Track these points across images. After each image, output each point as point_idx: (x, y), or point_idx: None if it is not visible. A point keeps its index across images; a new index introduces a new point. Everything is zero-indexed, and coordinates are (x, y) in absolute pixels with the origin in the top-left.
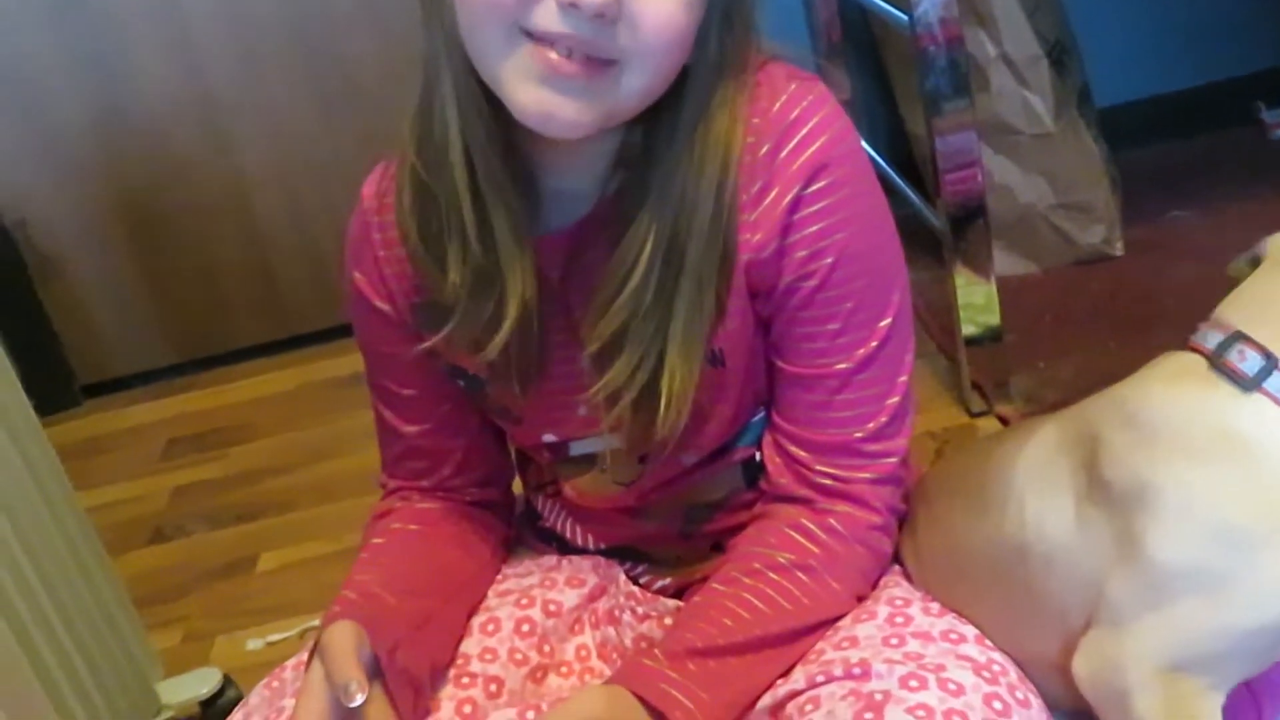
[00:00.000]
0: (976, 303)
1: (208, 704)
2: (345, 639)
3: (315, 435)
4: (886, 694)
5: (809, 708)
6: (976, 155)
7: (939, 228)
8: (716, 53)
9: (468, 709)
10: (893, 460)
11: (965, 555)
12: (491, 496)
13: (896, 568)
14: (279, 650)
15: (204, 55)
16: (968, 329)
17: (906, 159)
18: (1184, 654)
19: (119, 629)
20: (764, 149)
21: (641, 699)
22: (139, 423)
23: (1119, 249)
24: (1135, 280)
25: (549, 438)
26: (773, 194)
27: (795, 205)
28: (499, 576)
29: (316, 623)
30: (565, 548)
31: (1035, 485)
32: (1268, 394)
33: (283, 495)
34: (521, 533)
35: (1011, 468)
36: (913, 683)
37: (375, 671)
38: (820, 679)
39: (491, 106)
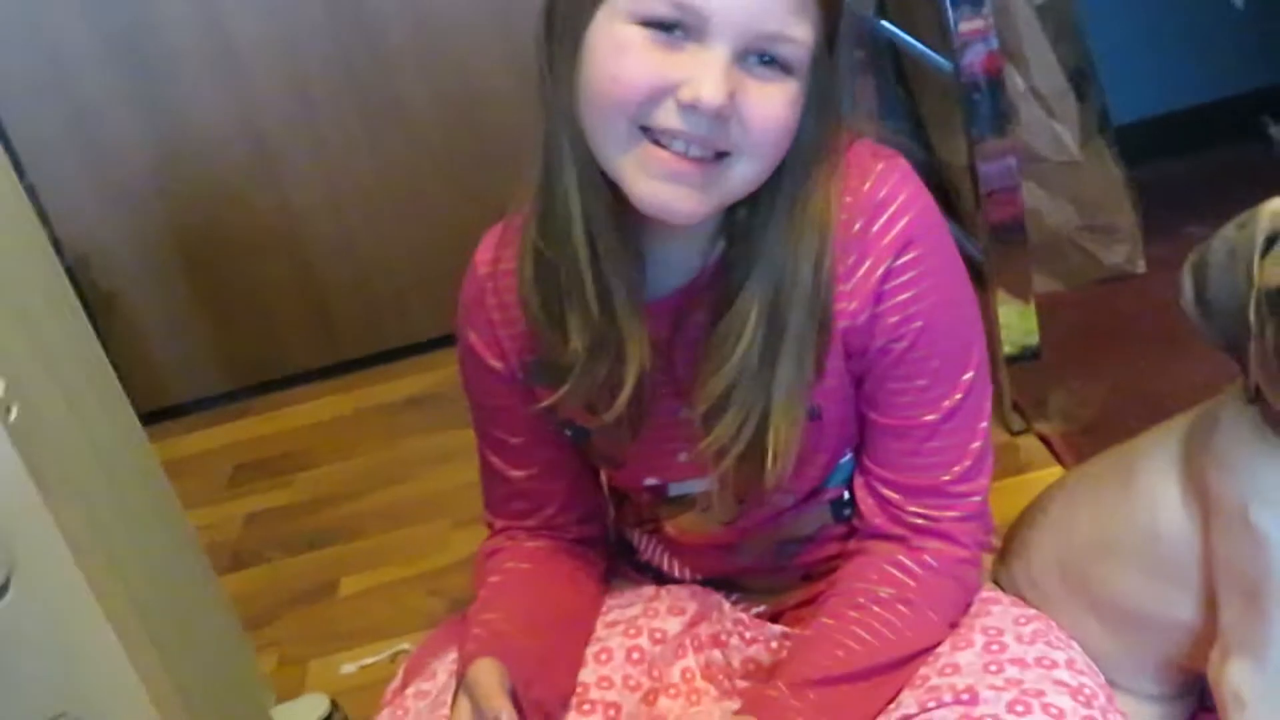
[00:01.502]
0: (1015, 323)
1: None
2: (492, 675)
3: (377, 460)
4: (996, 718)
5: None
6: (1017, 182)
7: (974, 253)
8: (811, 140)
9: None
10: (977, 499)
11: (1112, 534)
12: (591, 533)
13: (983, 596)
14: (371, 674)
15: (257, 92)
16: (1006, 349)
17: (934, 184)
18: (1254, 652)
19: (233, 654)
20: (857, 225)
21: None
22: (201, 450)
23: (1141, 266)
24: (1159, 296)
25: (650, 481)
26: (865, 266)
27: (887, 276)
28: (603, 608)
29: (406, 646)
30: (661, 579)
31: (1163, 472)
32: None
33: (354, 521)
34: (617, 564)
35: (1152, 454)
36: (1019, 708)
37: (511, 702)
38: (931, 704)
39: (610, 188)
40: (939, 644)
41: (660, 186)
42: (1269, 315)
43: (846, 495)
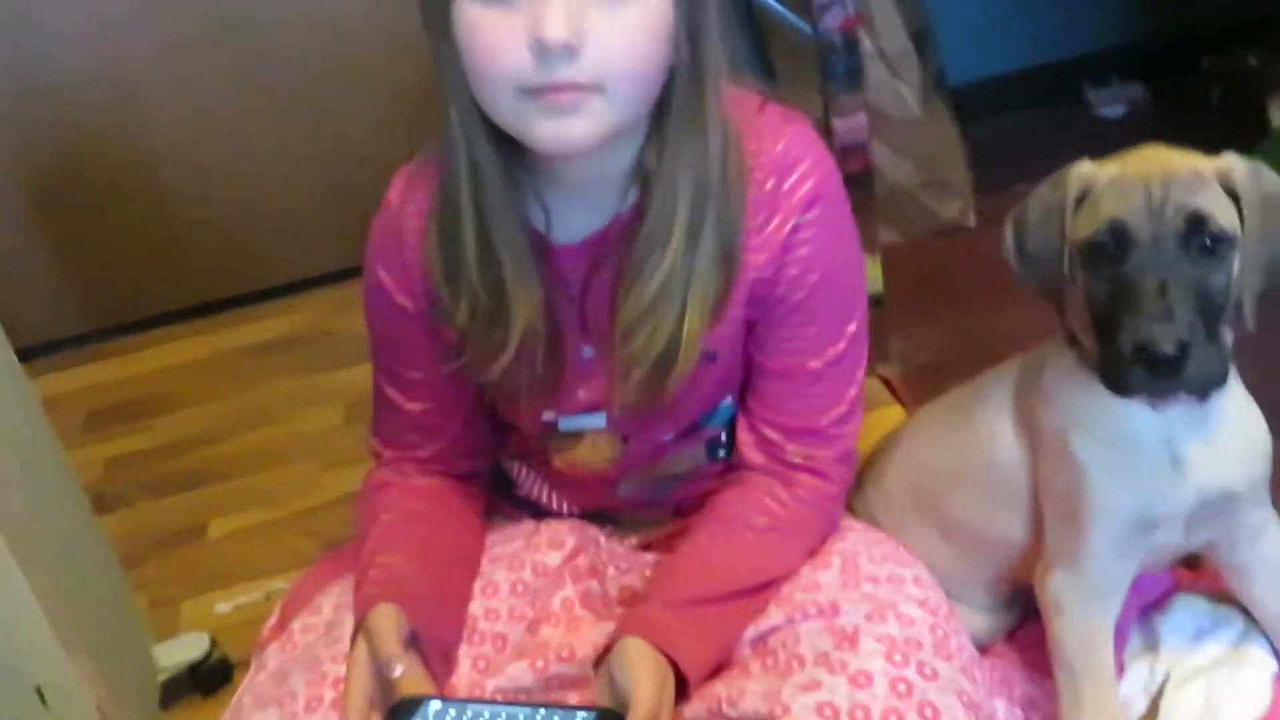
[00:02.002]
0: None
1: (195, 666)
2: (388, 621)
3: (237, 404)
4: (856, 627)
5: (790, 641)
6: (867, 138)
7: None
8: (691, 62)
9: (482, 664)
10: (849, 441)
11: (957, 464)
12: (477, 466)
13: (843, 524)
14: (246, 612)
15: (118, 28)
16: None
17: None
18: (1071, 565)
19: (114, 593)
20: (769, 184)
21: (657, 647)
22: (52, 394)
23: (972, 220)
24: (988, 249)
25: (547, 416)
26: (775, 221)
27: (794, 231)
28: (486, 543)
29: (281, 584)
30: (539, 513)
31: (999, 408)
32: None
33: (218, 464)
34: (494, 500)
35: (989, 393)
36: (875, 617)
37: (411, 642)
38: (797, 616)
39: (502, 151)
40: (800, 566)
41: (552, 123)
42: (1079, 266)
43: (723, 436)
